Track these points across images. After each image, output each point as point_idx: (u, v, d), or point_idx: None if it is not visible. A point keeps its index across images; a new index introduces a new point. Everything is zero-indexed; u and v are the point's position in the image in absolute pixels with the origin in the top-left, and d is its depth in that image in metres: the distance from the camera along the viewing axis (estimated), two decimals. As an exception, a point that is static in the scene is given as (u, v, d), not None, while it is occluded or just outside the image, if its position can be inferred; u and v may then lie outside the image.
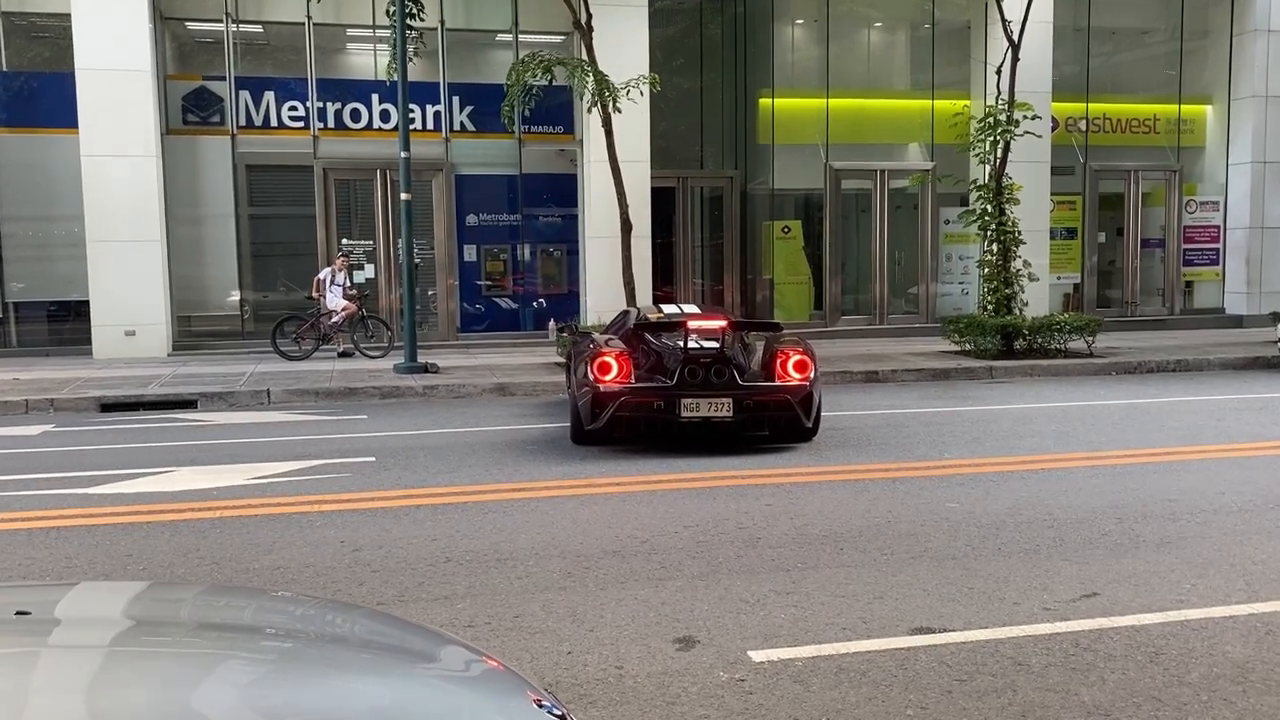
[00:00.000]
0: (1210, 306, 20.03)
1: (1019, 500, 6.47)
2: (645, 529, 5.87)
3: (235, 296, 16.33)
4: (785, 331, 9.60)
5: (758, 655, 4.05)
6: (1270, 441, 8.40)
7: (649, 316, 9.28)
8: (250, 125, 16.08)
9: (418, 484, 7.10)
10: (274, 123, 16.17)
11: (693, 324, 8.25)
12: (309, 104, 16.22)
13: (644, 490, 6.84)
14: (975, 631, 4.29)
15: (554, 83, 14.29)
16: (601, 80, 13.40)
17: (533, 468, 7.63)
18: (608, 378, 8.03)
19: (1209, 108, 20.01)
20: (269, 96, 16.15)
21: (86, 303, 14.90)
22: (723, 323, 8.42)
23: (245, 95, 16.06)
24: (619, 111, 13.72)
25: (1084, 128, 19.33)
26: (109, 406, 11.40)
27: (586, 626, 4.36)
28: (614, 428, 8.12)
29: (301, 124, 16.23)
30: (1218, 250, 19.99)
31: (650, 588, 4.85)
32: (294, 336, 14.62)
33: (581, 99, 14.34)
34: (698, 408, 7.89)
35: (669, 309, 9.86)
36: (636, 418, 8.06)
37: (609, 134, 13.85)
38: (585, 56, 14.04)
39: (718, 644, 4.16)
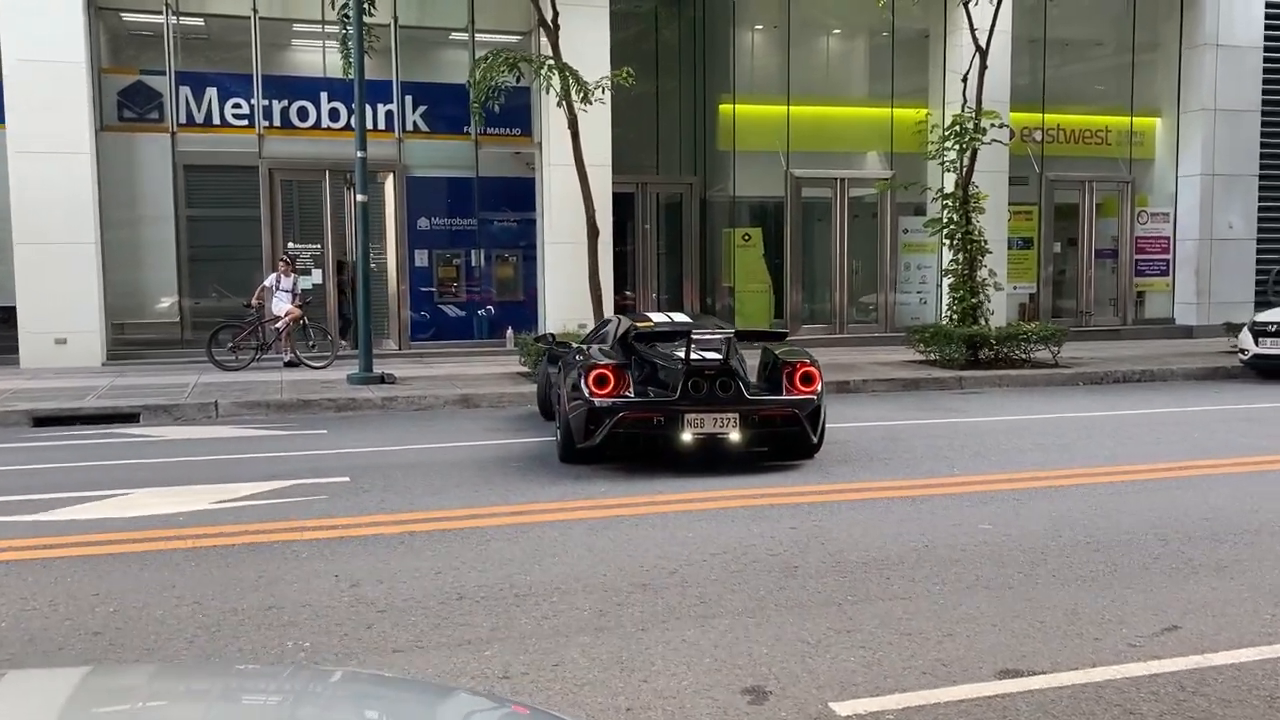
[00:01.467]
0: (1161, 317, 20.19)
1: (1053, 520, 6.13)
2: (669, 557, 5.40)
3: (174, 303, 15.47)
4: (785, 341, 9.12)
5: (841, 708, 3.61)
6: (1275, 455, 8.22)
7: (638, 325, 8.65)
8: (191, 123, 15.27)
9: (405, 507, 6.54)
10: (216, 120, 15.39)
11: (697, 334, 7.67)
12: (254, 101, 15.46)
13: (653, 513, 6.36)
14: (1066, 674, 3.90)
15: (520, 81, 13.77)
16: (572, 76, 12.89)
17: (526, 488, 7.10)
18: (604, 391, 7.43)
19: (1159, 120, 20.21)
20: (211, 93, 15.35)
21: (13, 309, 13.95)
22: (729, 332, 7.87)
23: (186, 91, 15.25)
24: (588, 107, 13.24)
25: (1039, 138, 19.36)
26: (42, 420, 10.58)
27: (639, 676, 3.87)
28: (609, 445, 7.54)
29: (246, 122, 15.46)
30: (1168, 261, 20.17)
31: (695, 628, 4.37)
32: (230, 346, 13.83)
33: (548, 95, 13.80)
34: (702, 423, 7.36)
35: (658, 317, 9.26)
36: (635, 434, 7.51)
37: (575, 135, 13.36)
38: (548, 55, 13.53)
39: (793, 695, 3.71)
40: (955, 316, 15.32)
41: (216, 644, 4.18)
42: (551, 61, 13.13)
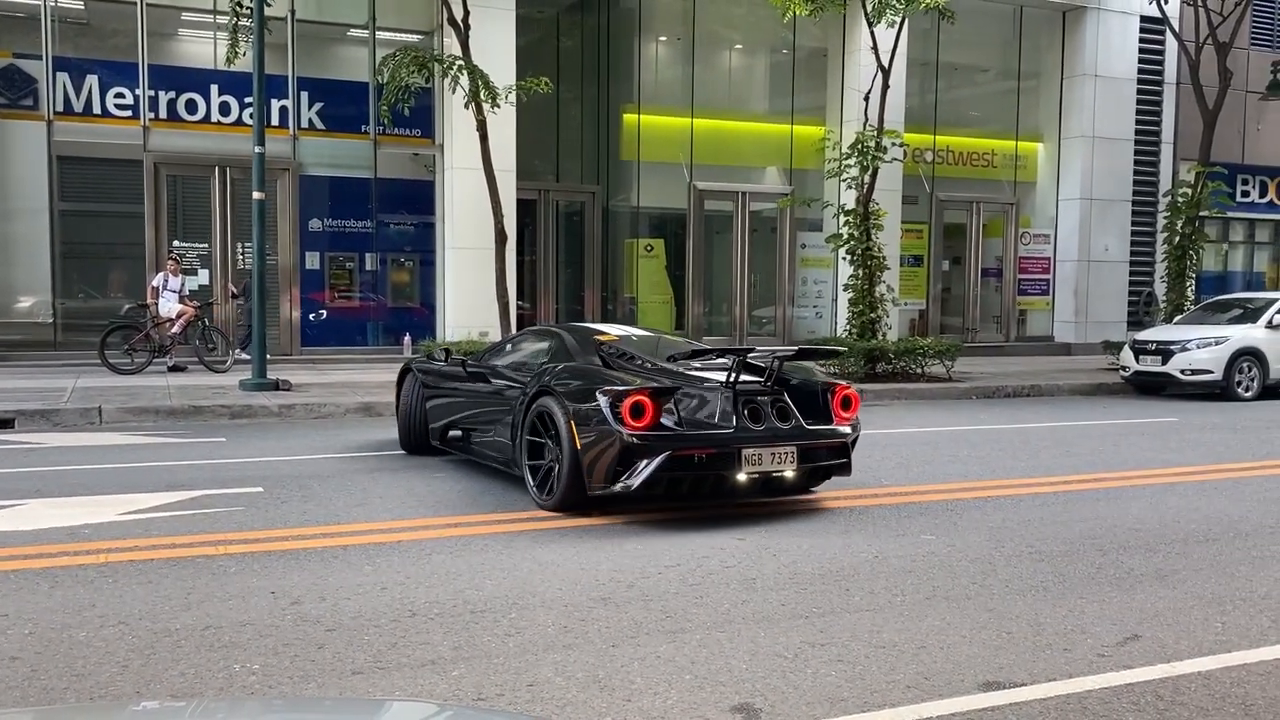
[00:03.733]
0: (1042, 334, 20.99)
1: (992, 531, 6.19)
2: (623, 570, 5.22)
3: (46, 302, 14.53)
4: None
5: (836, 725, 3.51)
6: (1185, 468, 8.55)
7: (600, 338, 7.35)
8: (70, 111, 14.42)
9: (330, 519, 6.19)
10: (97, 110, 14.57)
11: (751, 355, 6.58)
12: (139, 91, 14.70)
13: (595, 525, 6.17)
14: (1047, 685, 3.88)
15: (430, 81, 13.42)
16: (483, 79, 12.62)
17: (457, 500, 6.83)
18: (641, 423, 5.98)
19: (1041, 145, 21.05)
20: (92, 81, 14.54)
21: None
22: (791, 350, 6.90)
23: (64, 78, 14.41)
24: (497, 110, 12.98)
25: (930, 159, 19.92)
26: (-95, 426, 9.76)
27: (620, 695, 3.70)
28: (648, 489, 6.07)
29: (130, 113, 14.69)
30: (1049, 281, 20.99)
31: (667, 643, 4.22)
32: (125, 348, 13.07)
33: (452, 96, 13.49)
34: (760, 459, 6.15)
35: (617, 330, 7.89)
36: (680, 477, 6.12)
37: (484, 139, 13.09)
38: (456, 55, 13.22)
39: (783, 712, 3.58)
40: (854, 331, 15.58)
41: (154, 668, 3.82)
42: (461, 62, 12.84)
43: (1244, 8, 17.83)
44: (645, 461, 5.97)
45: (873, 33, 14.98)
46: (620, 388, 6.09)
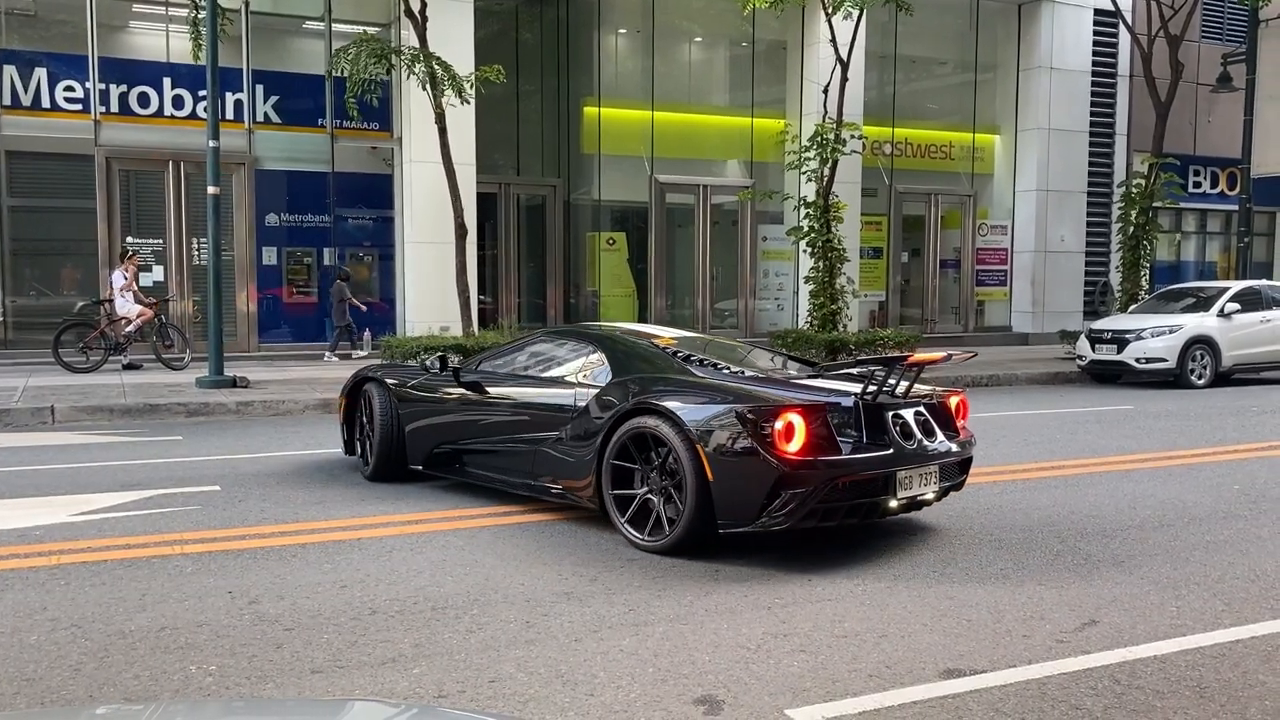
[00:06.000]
0: (999, 325, 21.21)
1: (951, 518, 6.25)
2: (586, 564, 5.21)
3: (-6, 300, 14.26)
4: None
5: (799, 714, 3.50)
6: (1140, 455, 8.66)
7: (658, 343, 6.44)
8: (17, 105, 14.14)
9: (289, 518, 6.12)
10: (46, 104, 14.30)
11: (918, 356, 5.58)
12: (89, 84, 14.44)
13: (557, 520, 6.15)
14: (1007, 671, 3.92)
15: (390, 72, 13.30)
16: (444, 69, 12.51)
17: (416, 497, 6.77)
18: (796, 447, 5.13)
19: (998, 137, 21.24)
20: (40, 74, 14.27)
21: None
22: (947, 354, 5.81)
23: (10, 70, 14.13)
24: (467, 102, 12.90)
25: (889, 151, 20.04)
26: None
27: (583, 690, 3.68)
28: (801, 523, 5.23)
29: (80, 106, 14.42)
30: (1006, 271, 21.20)
31: (630, 636, 4.21)
32: (80, 346, 12.85)
33: (410, 89, 13.37)
34: (911, 483, 5.48)
35: (669, 333, 6.97)
36: (837, 507, 5.30)
37: (443, 132, 12.99)
38: (413, 46, 13.11)
39: (746, 704, 3.59)
40: (816, 322, 15.66)
41: (107, 671, 3.75)
42: (421, 53, 12.73)
43: (1195, 1, 18.09)
44: (799, 492, 5.09)
45: (831, 25, 15.04)
46: (766, 405, 5.19)
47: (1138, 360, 14.61)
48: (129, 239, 14.66)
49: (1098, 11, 20.56)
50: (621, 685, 3.72)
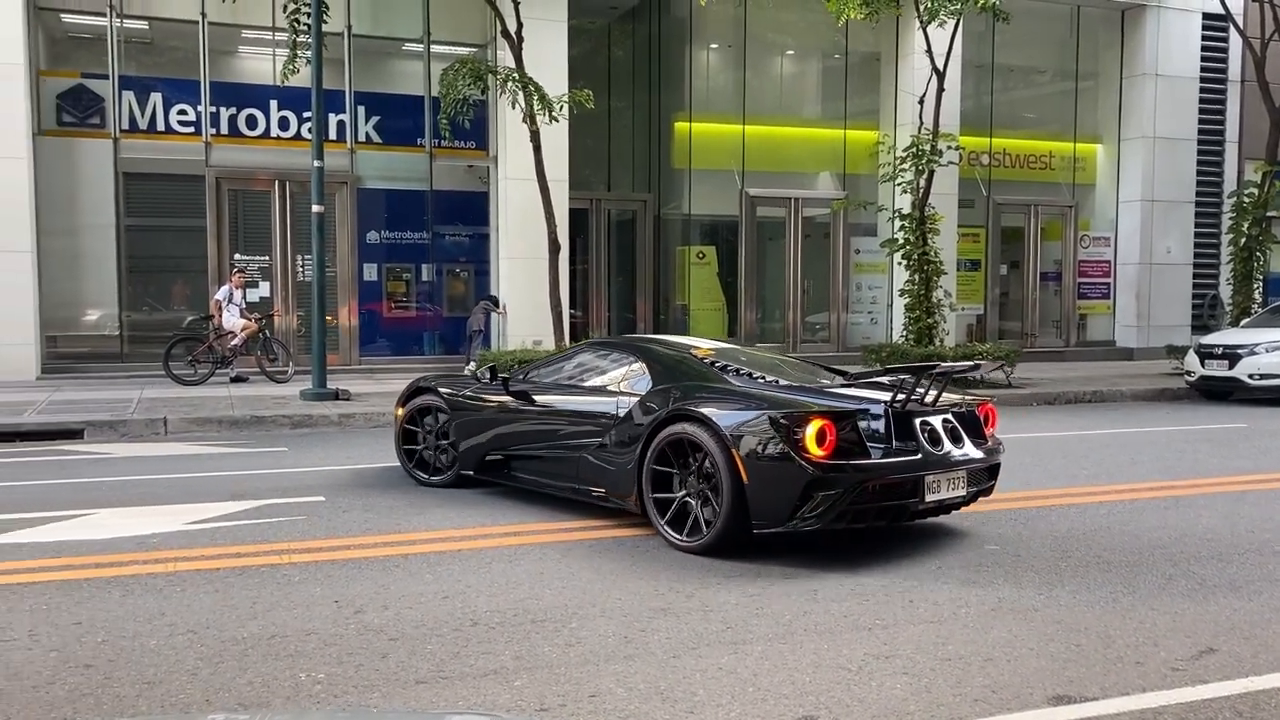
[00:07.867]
0: (1102, 339, 20.61)
1: (1057, 540, 6.08)
2: (682, 580, 5.21)
3: (113, 315, 14.87)
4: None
5: (903, 738, 3.46)
6: (1257, 475, 8.33)
7: (697, 353, 6.72)
8: (135, 129, 14.75)
9: (392, 528, 6.25)
10: (161, 127, 14.89)
11: (944, 367, 5.85)
12: (201, 108, 15.00)
13: (651, 535, 6.17)
14: (1119, 700, 3.79)
15: (485, 93, 13.55)
16: (536, 90, 12.71)
17: (512, 508, 6.85)
18: (826, 452, 5.36)
19: (1100, 147, 20.68)
20: (156, 99, 14.86)
21: (-58, 319, 13.31)
22: (976, 361, 6.35)
23: (129, 96, 14.74)
24: (556, 122, 13.07)
25: (986, 162, 19.68)
26: (-20, 437, 10.03)
27: (683, 707, 3.68)
28: (832, 525, 5.47)
29: (192, 129, 14.99)
30: (1109, 285, 20.60)
31: (728, 654, 4.19)
32: (189, 359, 13.35)
33: (506, 108, 13.59)
34: (939, 487, 5.66)
35: (706, 344, 7.25)
36: (867, 509, 5.51)
37: (538, 150, 13.16)
38: (510, 66, 13.33)
39: (849, 725, 3.55)
40: (911, 336, 15.42)
41: (222, 677, 3.88)
42: (517, 74, 12.94)
43: (1311, 2, 17.39)
44: (830, 494, 5.32)
45: (926, 35, 14.85)
46: (798, 411, 5.40)
47: (1251, 376, 14.04)
48: (237, 256, 15.18)
49: (1206, 15, 19.89)
50: (722, 704, 3.71)
